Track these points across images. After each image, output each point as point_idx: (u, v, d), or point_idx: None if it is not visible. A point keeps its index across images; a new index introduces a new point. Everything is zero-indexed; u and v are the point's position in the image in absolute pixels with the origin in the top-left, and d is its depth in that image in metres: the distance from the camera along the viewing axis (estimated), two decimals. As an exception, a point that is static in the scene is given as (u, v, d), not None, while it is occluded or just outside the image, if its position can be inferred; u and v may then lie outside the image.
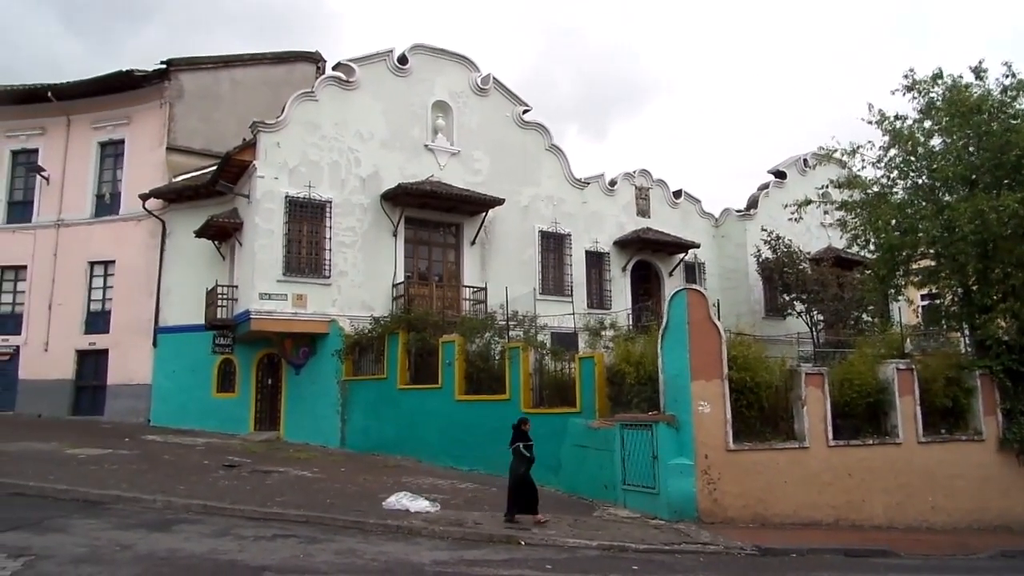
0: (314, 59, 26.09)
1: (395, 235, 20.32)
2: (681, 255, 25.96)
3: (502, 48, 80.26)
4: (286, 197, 18.76)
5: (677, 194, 26.93)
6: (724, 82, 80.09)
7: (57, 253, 23.40)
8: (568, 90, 78.07)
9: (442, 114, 21.79)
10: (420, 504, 11.23)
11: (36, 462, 13.33)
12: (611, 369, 14.09)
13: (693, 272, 26.23)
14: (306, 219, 19.08)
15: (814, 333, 23.50)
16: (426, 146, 21.29)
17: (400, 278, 20.09)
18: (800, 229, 23.42)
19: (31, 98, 24.04)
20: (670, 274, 25.91)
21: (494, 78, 22.82)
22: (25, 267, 23.71)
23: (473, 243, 21.55)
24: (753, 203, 27.93)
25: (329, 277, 19.07)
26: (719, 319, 13.02)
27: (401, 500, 11.31)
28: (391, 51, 21.07)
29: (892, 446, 13.84)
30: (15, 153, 24.69)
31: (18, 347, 23.32)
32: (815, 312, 23.83)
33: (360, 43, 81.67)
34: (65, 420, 21.44)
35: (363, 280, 19.57)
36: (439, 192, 20.25)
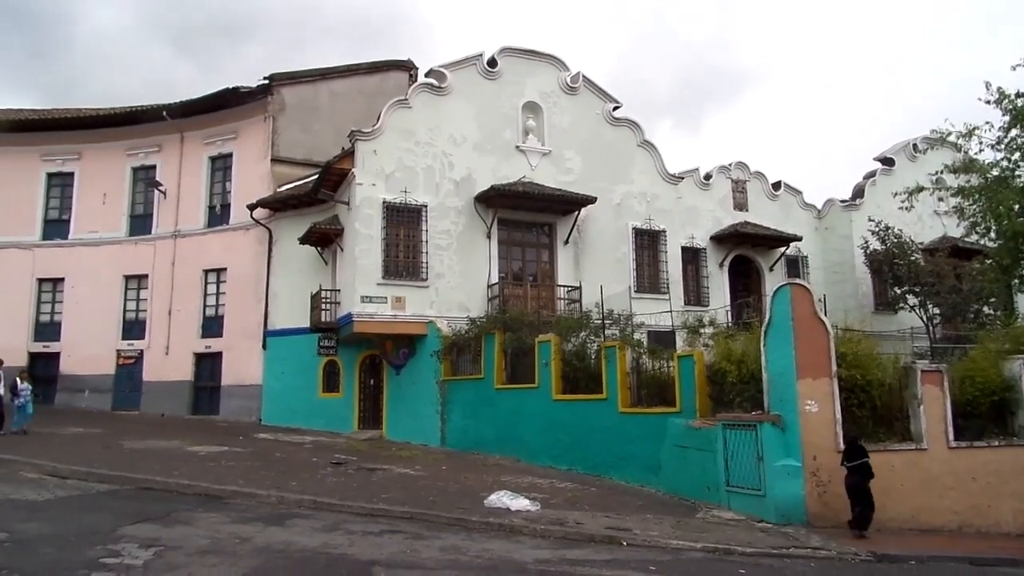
0: (407, 67, 26.70)
1: (489, 236, 20.55)
2: (782, 249, 25.10)
3: (591, 45, 79.85)
4: (383, 202, 19.29)
5: (776, 186, 26.06)
6: (823, 66, 76.88)
7: (175, 262, 24.93)
8: (660, 85, 76.92)
9: (533, 115, 21.87)
10: (521, 503, 11.30)
11: (161, 459, 14.24)
12: (711, 367, 13.76)
13: (796, 266, 25.32)
14: (403, 223, 19.57)
15: (929, 328, 22.24)
16: (518, 147, 21.44)
17: (495, 279, 20.30)
18: (911, 218, 22.17)
19: (148, 118, 25.74)
20: (770, 269, 25.10)
21: (584, 76, 22.73)
22: (147, 276, 25.37)
23: (566, 242, 21.53)
24: (859, 192, 26.72)
25: (426, 279, 19.48)
26: (825, 314, 12.51)
27: (502, 499, 11.41)
28: (481, 55, 21.33)
29: (1021, 448, 12.90)
30: (135, 170, 26.42)
31: (142, 351, 24.99)
32: (930, 305, 22.54)
33: (451, 49, 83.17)
34: (185, 419, 22.81)
35: (459, 282, 19.89)
36: (531, 192, 20.34)
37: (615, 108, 23.20)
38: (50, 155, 26.73)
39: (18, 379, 16.98)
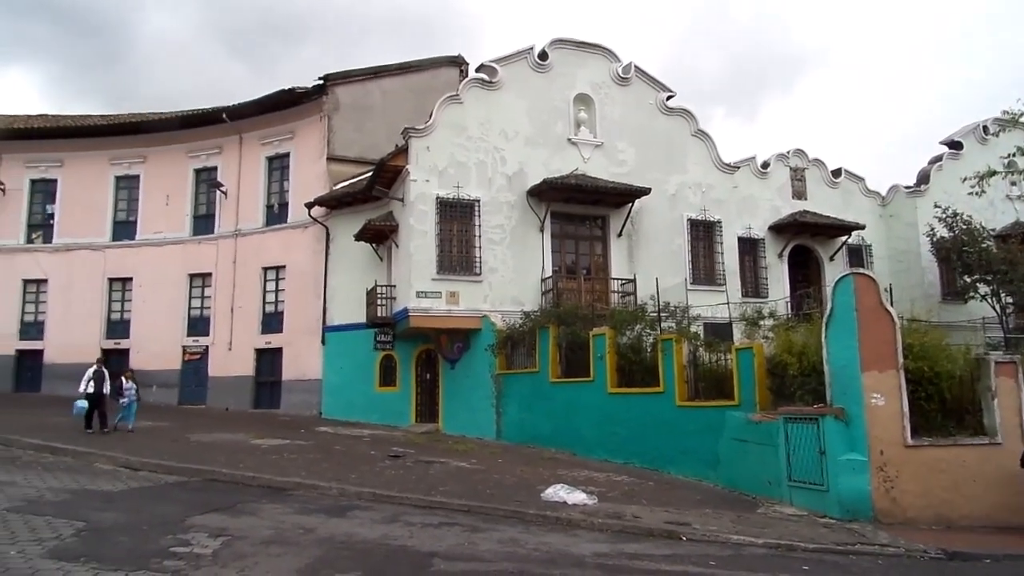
0: (457, 63, 26.85)
1: (542, 230, 20.52)
2: (843, 238, 24.43)
3: (643, 33, 78.88)
4: (437, 198, 19.44)
5: (836, 173, 25.36)
6: (885, 47, 74.33)
7: (236, 261, 25.62)
8: (714, 72, 75.56)
9: (584, 107, 21.73)
10: (578, 496, 11.29)
11: (227, 451, 14.68)
12: (771, 360, 13.48)
13: (858, 255, 24.60)
14: (456, 218, 19.68)
15: (1003, 317, 21.33)
16: (569, 140, 21.33)
17: (548, 272, 20.27)
18: (981, 204, 21.24)
19: (208, 120, 26.51)
20: (831, 259, 24.45)
21: (635, 66, 22.47)
22: (210, 274, 26.13)
23: (620, 235, 21.36)
24: (924, 178, 25.82)
25: (480, 274, 19.57)
26: (891, 304, 12.11)
27: (559, 492, 11.41)
28: (531, 48, 21.27)
29: (1104, 442, 12.25)
30: (197, 171, 27.23)
31: (207, 347, 25.78)
32: (1003, 294, 21.61)
33: (501, 44, 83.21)
34: (248, 413, 23.46)
35: (512, 276, 19.92)
36: (584, 185, 20.23)
37: (668, 97, 22.89)
38: (117, 159, 27.76)
39: (123, 378, 17.36)
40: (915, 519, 11.07)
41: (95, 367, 16.91)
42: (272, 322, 24.93)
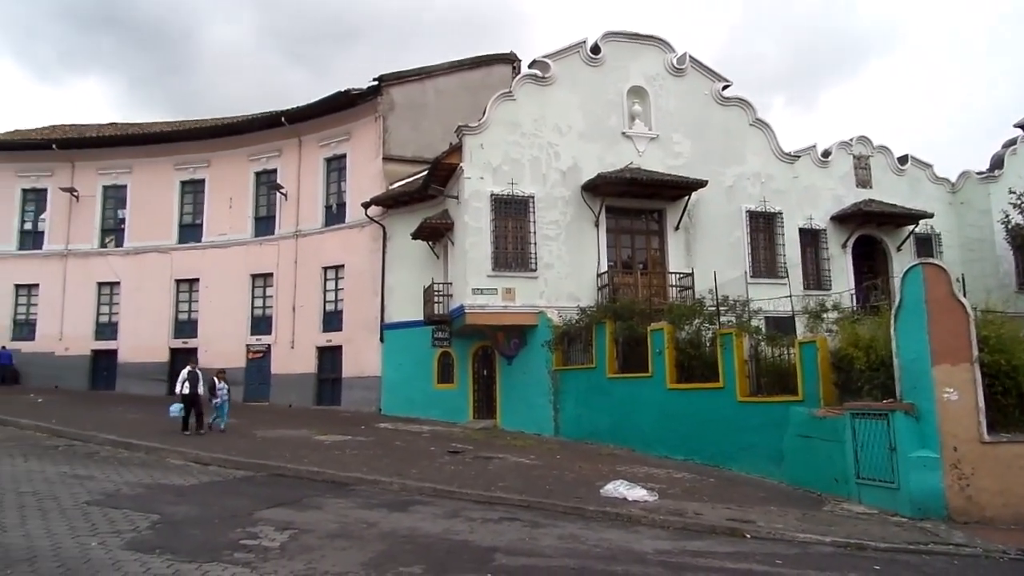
0: (509, 60, 26.87)
1: (597, 225, 20.39)
2: (911, 227, 23.62)
3: (698, 22, 77.57)
4: (491, 195, 19.50)
5: (903, 160, 24.51)
6: (953, 28, 71.40)
7: (296, 261, 26.22)
8: (772, 60, 73.87)
9: (638, 99, 21.50)
10: (638, 493, 11.18)
11: (291, 447, 15.04)
12: (836, 354, 13.09)
13: (927, 245, 23.75)
14: (511, 215, 19.71)
15: (1085, 307, 20.28)
16: (624, 133, 21.14)
17: (604, 267, 20.14)
18: (1060, 188, 20.29)
19: (268, 124, 27.20)
20: (898, 249, 23.66)
21: (690, 56, 22.11)
22: (272, 274, 26.81)
23: (677, 228, 21.07)
24: (998, 163, 24.76)
25: (535, 270, 19.56)
26: (964, 295, 11.63)
27: (618, 488, 11.33)
28: (583, 42, 21.14)
29: None
30: (258, 174, 27.96)
31: (270, 345, 26.46)
32: (1085, 283, 20.57)
33: (553, 39, 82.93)
34: (310, 409, 23.99)
35: (568, 271, 19.86)
36: (639, 179, 20.01)
37: (724, 87, 22.47)
38: (182, 164, 28.72)
39: (216, 379, 17.53)
40: (992, 518, 10.62)
41: (189, 368, 16.95)
42: (332, 320, 25.42)
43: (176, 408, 16.39)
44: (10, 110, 77.37)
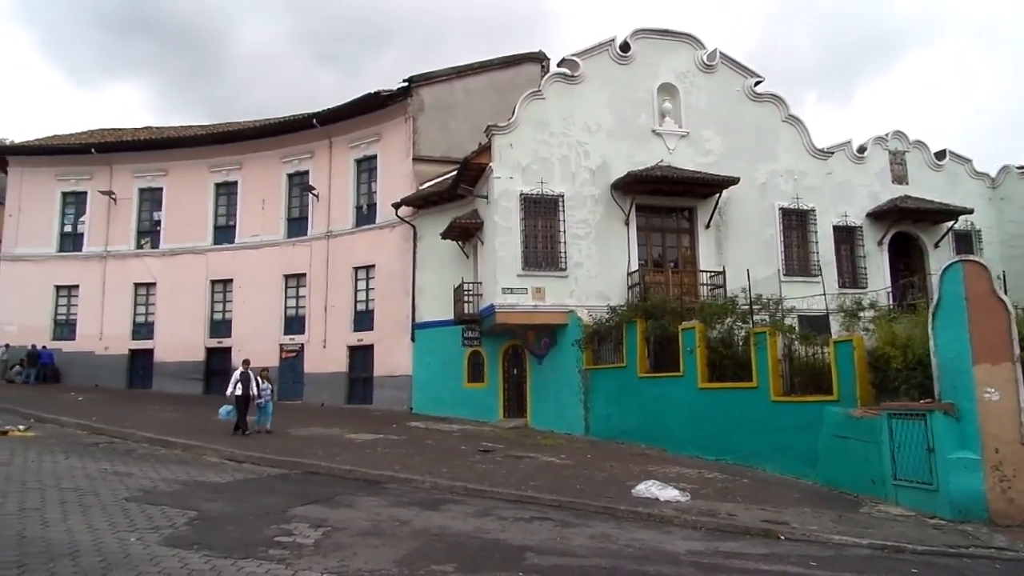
0: (538, 59, 26.83)
1: (627, 223, 20.29)
2: (949, 223, 23.14)
3: (728, 17, 76.77)
4: (521, 194, 19.49)
5: (940, 155, 24.01)
6: (993, 17, 69.73)
7: (328, 261, 26.47)
8: (805, 54, 72.82)
9: (668, 97, 21.35)
10: (669, 493, 11.11)
11: (324, 445, 15.20)
12: (872, 353, 12.89)
13: (966, 241, 23.26)
14: (540, 214, 19.70)
15: None
16: (654, 131, 21.00)
17: (634, 266, 20.04)
18: (1106, 182, 19.70)
19: (299, 126, 27.50)
20: (936, 245, 23.19)
21: (721, 53, 21.90)
22: (304, 275, 27.10)
23: (708, 226, 20.88)
24: (1039, 157, 24.06)
25: (565, 269, 19.52)
26: (1006, 292, 11.36)
27: (650, 488, 11.27)
28: (613, 40, 21.04)
29: None
30: (290, 176, 28.27)
31: (303, 345, 26.76)
32: None
33: (582, 37, 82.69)
34: (342, 408, 24.21)
35: (598, 270, 19.79)
36: (669, 176, 19.87)
37: (756, 83, 22.21)
38: (216, 167, 29.15)
39: (259, 378, 17.09)
40: None
41: (241, 369, 16.71)
42: (363, 320, 25.62)
43: (225, 411, 16.22)
44: (49, 116, 79.35)
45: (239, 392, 16.26)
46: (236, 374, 16.64)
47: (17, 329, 29.26)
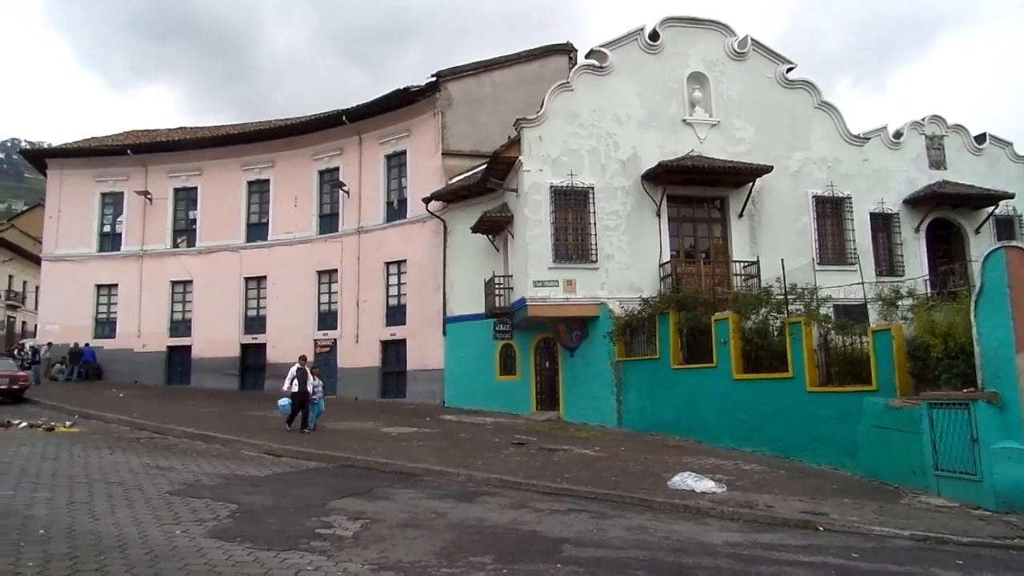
0: (566, 50, 26.72)
1: (658, 214, 20.15)
2: (990, 208, 22.60)
3: (757, 4, 75.71)
4: (551, 187, 19.46)
5: (980, 139, 23.44)
6: (1032, 1, 67.72)
7: (360, 257, 26.69)
8: (838, 39, 71.59)
9: (698, 86, 21.12)
10: (706, 484, 11.05)
11: (359, 439, 15.37)
12: (911, 342, 12.67)
13: (1008, 227, 22.69)
14: (571, 207, 19.64)
15: None
16: (684, 121, 20.81)
17: (666, 257, 19.91)
18: None
19: (329, 124, 27.76)
20: (976, 231, 22.67)
21: (752, 39, 21.60)
22: (336, 271, 27.37)
23: (740, 216, 20.65)
24: (1084, 139, 23.38)
25: (596, 261, 19.46)
26: (1051, 279, 11.06)
27: (686, 480, 11.21)
28: (641, 29, 20.88)
29: None
30: (321, 173, 28.56)
31: (336, 340, 27.04)
32: None
33: (610, 27, 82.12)
34: (376, 402, 24.45)
35: (629, 262, 19.69)
36: (701, 166, 19.68)
37: (788, 70, 21.86)
38: (249, 165, 29.56)
39: (311, 375, 16.74)
40: None
41: (298, 365, 16.42)
42: (396, 315, 25.81)
43: (285, 403, 16.07)
44: (86, 118, 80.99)
45: (295, 388, 16.04)
46: (292, 370, 16.34)
47: (60, 328, 30.05)
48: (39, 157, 33.98)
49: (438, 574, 6.60)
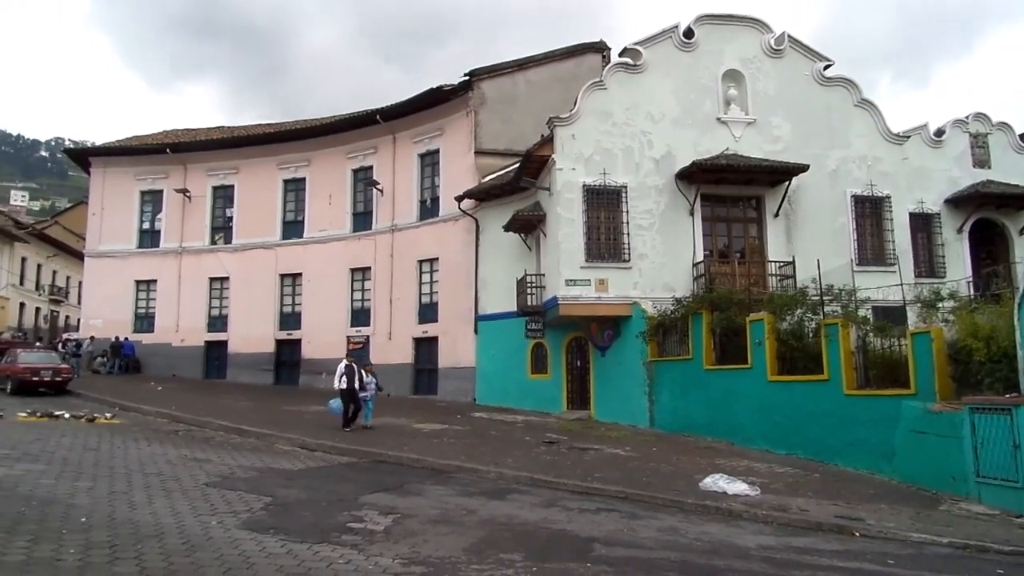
0: (599, 48, 26.58)
1: (692, 214, 19.96)
2: (1035, 209, 21.95)
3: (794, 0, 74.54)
4: (583, 186, 19.39)
5: (1025, 137, 22.81)
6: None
7: (393, 255, 26.88)
8: (877, 34, 70.31)
9: (734, 83, 20.87)
10: (738, 487, 10.93)
11: (391, 435, 15.49)
12: (952, 345, 12.40)
13: (1055, 228, 22.02)
14: (603, 206, 19.55)
15: None
16: (719, 119, 20.57)
17: (699, 257, 19.70)
18: None
19: (364, 122, 27.98)
20: (1021, 233, 22.06)
21: (789, 36, 21.27)
22: (370, 268, 27.60)
23: (776, 215, 20.36)
24: None
25: (629, 261, 19.34)
26: (1100, 281, 10.76)
27: (718, 482, 11.11)
28: (676, 27, 20.69)
29: None
30: (355, 171, 28.80)
31: (368, 337, 27.26)
32: None
33: (644, 24, 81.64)
34: (408, 399, 24.59)
35: (662, 261, 19.53)
36: (736, 165, 19.45)
37: (826, 67, 21.48)
38: (285, 163, 29.93)
39: (364, 372, 16.63)
40: None
41: (346, 362, 16.39)
42: (428, 312, 25.94)
43: (336, 404, 16.02)
44: (127, 117, 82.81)
45: (343, 385, 15.98)
46: (341, 366, 16.25)
47: (102, 323, 30.75)
48: (82, 156, 34.78)
49: (468, 571, 6.63)
